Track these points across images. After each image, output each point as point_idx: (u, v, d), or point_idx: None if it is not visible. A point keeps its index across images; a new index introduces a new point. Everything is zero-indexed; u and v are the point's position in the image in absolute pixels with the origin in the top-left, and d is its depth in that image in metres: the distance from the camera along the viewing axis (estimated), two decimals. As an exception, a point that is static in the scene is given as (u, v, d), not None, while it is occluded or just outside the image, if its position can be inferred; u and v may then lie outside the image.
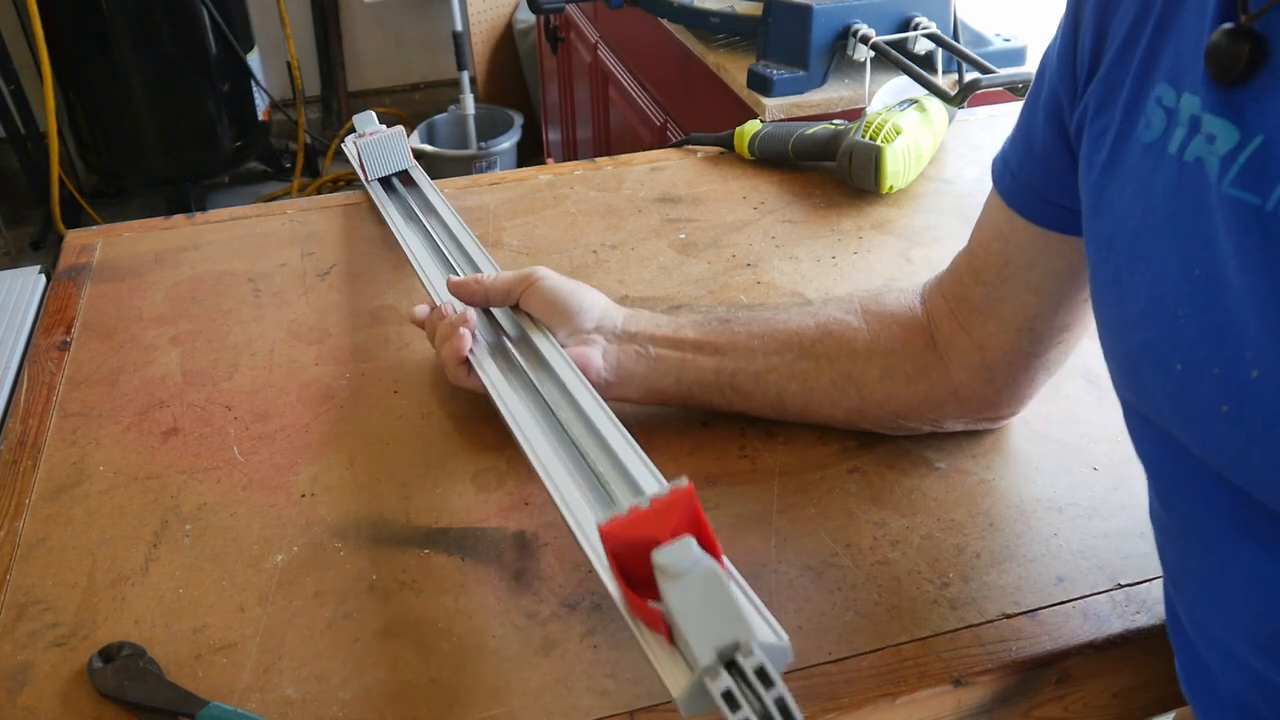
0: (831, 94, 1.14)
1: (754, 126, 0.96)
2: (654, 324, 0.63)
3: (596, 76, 1.91)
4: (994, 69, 0.98)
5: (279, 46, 3.00)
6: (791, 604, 0.53)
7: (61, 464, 0.63)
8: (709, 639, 0.37)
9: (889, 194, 0.89)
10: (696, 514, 0.42)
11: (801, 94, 1.14)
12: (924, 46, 1.10)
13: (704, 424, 0.65)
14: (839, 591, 0.54)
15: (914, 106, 0.92)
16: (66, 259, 0.84)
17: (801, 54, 1.13)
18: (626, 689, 0.49)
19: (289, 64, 3.00)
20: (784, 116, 1.13)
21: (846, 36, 1.12)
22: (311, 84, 3.20)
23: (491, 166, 2.77)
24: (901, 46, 1.10)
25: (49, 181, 2.61)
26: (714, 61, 1.26)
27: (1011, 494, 0.60)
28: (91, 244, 0.85)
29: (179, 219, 0.89)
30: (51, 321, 0.76)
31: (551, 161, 2.59)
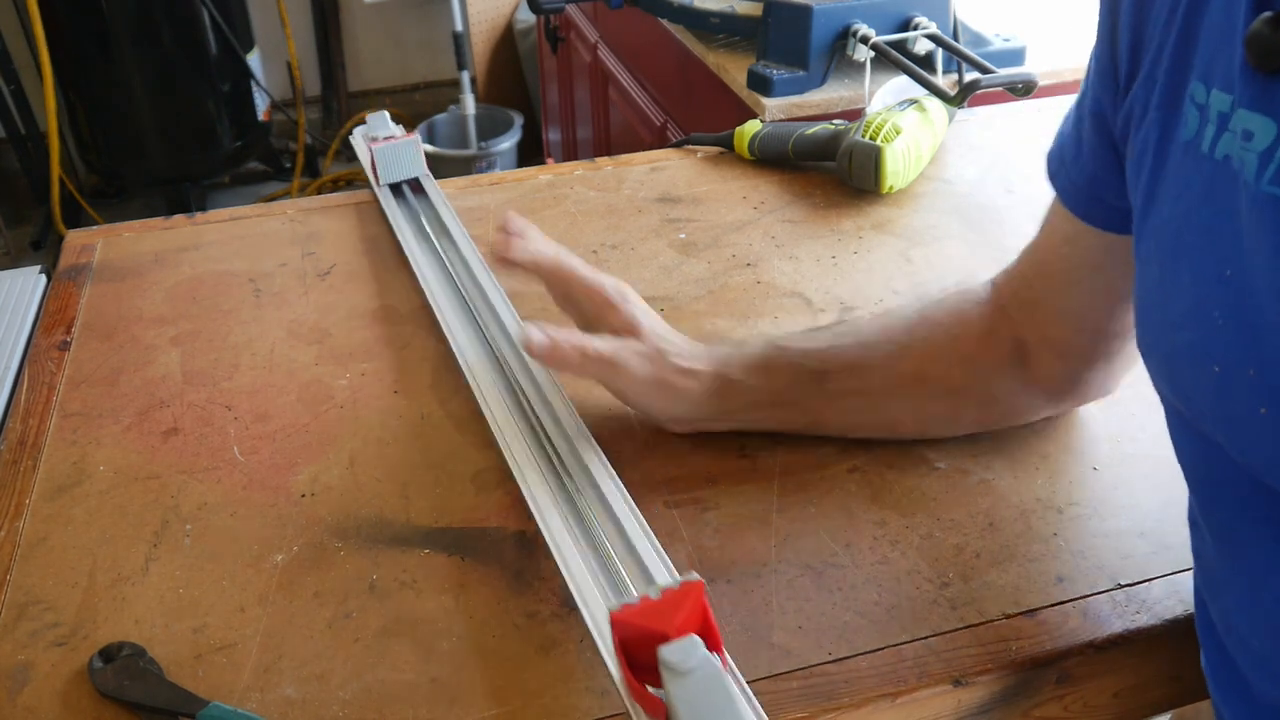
0: (831, 94, 1.15)
1: (754, 126, 0.96)
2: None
3: (596, 76, 1.91)
4: (994, 69, 0.98)
5: (279, 46, 3.00)
6: (791, 604, 0.53)
7: (62, 464, 0.63)
8: None
9: (889, 194, 0.89)
10: (704, 610, 0.43)
11: (801, 94, 1.14)
12: (924, 47, 1.10)
13: (704, 424, 0.65)
14: (839, 591, 0.54)
15: (914, 106, 0.92)
16: (67, 259, 0.84)
17: (801, 54, 1.13)
18: (626, 689, 0.49)
19: (289, 64, 3.00)
20: (784, 116, 1.13)
21: (846, 36, 1.12)
22: (311, 84, 3.20)
23: (491, 166, 2.77)
24: (901, 47, 1.10)
25: (49, 181, 2.61)
26: (714, 62, 1.26)
27: (1011, 494, 0.60)
28: (92, 244, 0.85)
29: (179, 219, 0.89)
30: (52, 321, 0.76)
31: (551, 161, 2.59)
